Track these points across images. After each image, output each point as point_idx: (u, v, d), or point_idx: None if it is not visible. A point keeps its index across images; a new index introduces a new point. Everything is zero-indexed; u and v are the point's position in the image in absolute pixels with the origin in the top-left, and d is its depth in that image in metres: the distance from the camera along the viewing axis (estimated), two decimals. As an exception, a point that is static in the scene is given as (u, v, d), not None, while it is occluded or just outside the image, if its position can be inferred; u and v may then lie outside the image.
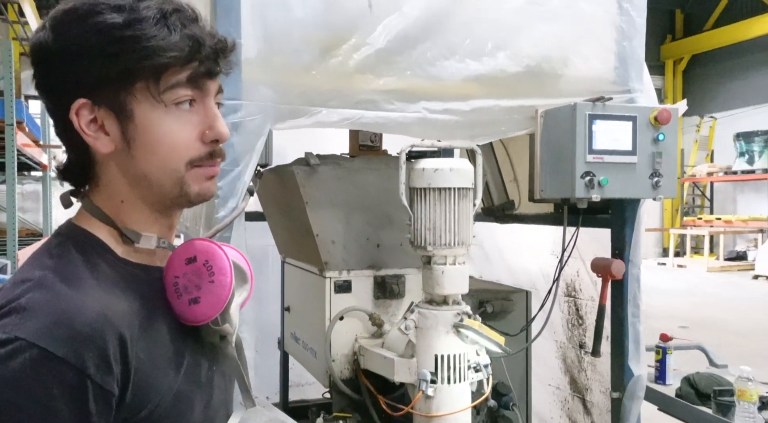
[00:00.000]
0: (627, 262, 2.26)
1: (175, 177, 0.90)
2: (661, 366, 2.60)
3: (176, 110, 0.89)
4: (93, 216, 0.92)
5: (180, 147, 0.89)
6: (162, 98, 0.87)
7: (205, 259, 0.91)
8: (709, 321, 8.37)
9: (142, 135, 0.88)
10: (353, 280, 2.37)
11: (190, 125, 0.90)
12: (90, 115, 0.88)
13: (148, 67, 0.85)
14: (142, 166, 0.89)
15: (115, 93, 0.87)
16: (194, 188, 0.92)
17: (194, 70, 0.88)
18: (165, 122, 0.88)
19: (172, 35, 0.85)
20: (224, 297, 0.90)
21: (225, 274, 0.90)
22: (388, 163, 2.31)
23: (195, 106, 0.91)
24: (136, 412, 0.82)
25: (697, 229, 14.56)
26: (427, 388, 1.94)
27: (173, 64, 0.86)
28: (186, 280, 0.91)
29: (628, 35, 2.20)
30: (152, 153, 0.89)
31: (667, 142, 2.11)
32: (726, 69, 15.87)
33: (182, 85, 0.88)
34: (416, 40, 1.94)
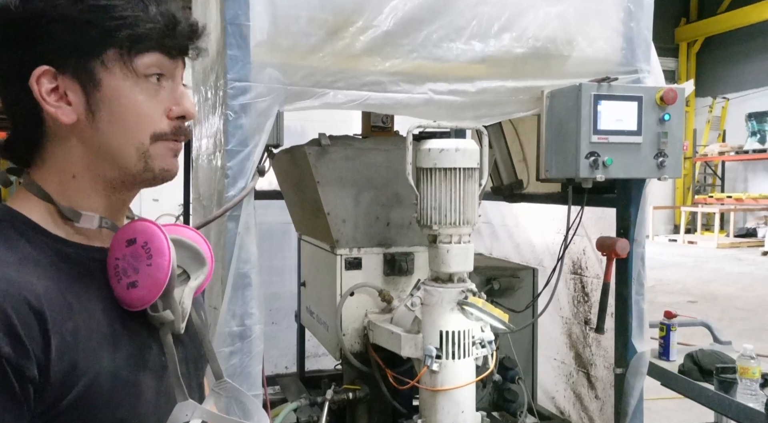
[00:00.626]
0: (632, 241, 2.18)
1: (140, 150, 0.85)
2: (665, 342, 2.52)
3: (145, 82, 0.84)
4: (31, 193, 0.85)
5: (146, 118, 0.85)
6: (134, 68, 0.83)
7: (144, 240, 0.84)
8: (718, 296, 8.21)
9: (108, 105, 0.83)
10: (363, 258, 2.33)
11: (157, 99, 0.85)
12: (51, 84, 0.82)
13: (124, 37, 0.81)
14: (105, 137, 0.84)
15: (84, 61, 0.81)
16: (159, 163, 0.86)
17: (167, 45, 0.84)
18: (134, 93, 0.83)
19: (149, 8, 0.82)
20: (161, 281, 0.83)
21: (163, 256, 0.83)
22: (397, 144, 2.25)
23: (163, 82, 0.86)
24: (63, 394, 0.76)
25: (708, 207, 14.25)
26: (432, 363, 1.90)
27: (149, 35, 0.82)
28: (125, 262, 0.84)
29: (636, 16, 2.10)
30: (118, 123, 0.83)
31: (673, 122, 2.01)
32: (739, 51, 15.39)
33: (154, 58, 0.84)
34: (422, 22, 1.87)
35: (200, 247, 0.92)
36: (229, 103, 1.70)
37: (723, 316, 6.89)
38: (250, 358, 1.76)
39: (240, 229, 1.73)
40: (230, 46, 1.69)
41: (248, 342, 1.75)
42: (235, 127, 1.72)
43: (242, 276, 1.74)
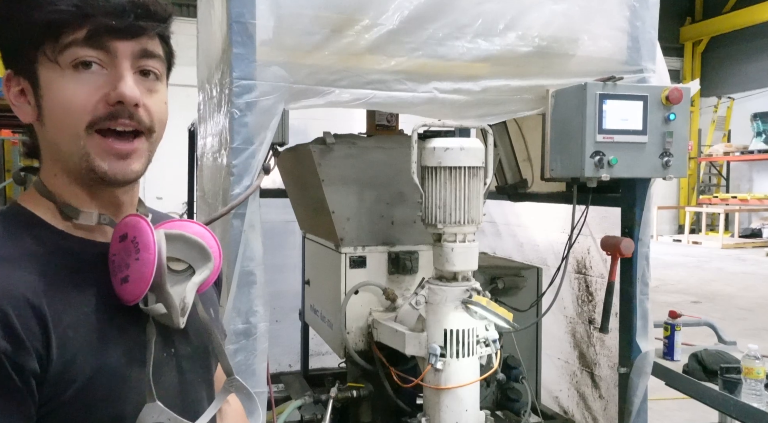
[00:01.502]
0: (636, 240, 2.17)
1: (77, 145, 0.82)
2: (669, 342, 2.52)
3: (74, 72, 0.80)
4: (37, 191, 0.87)
5: (77, 109, 0.80)
6: (58, 59, 0.80)
7: (133, 235, 0.83)
8: (721, 296, 8.19)
9: (46, 100, 0.82)
10: (368, 256, 2.33)
11: (91, 87, 0.81)
12: (17, 86, 0.84)
13: (40, 26, 0.79)
14: (50, 135, 0.83)
15: (27, 59, 0.81)
16: (103, 165, 0.82)
17: (93, 29, 0.79)
18: (63, 85, 0.80)
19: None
20: (148, 275, 0.82)
21: (148, 251, 0.82)
22: (401, 143, 2.25)
23: (104, 70, 0.81)
24: (63, 388, 0.76)
25: (713, 207, 14.21)
26: (436, 361, 1.90)
27: (66, 20, 0.78)
28: (119, 258, 0.84)
29: (640, 15, 2.09)
30: (55, 118, 0.82)
31: (678, 121, 2.01)
32: (744, 51, 15.34)
33: (80, 44, 0.79)
34: (427, 20, 1.86)
35: (205, 243, 0.91)
36: (235, 101, 1.71)
37: (725, 315, 6.87)
38: (255, 356, 1.76)
39: (245, 226, 1.73)
40: (236, 45, 1.69)
41: (253, 339, 1.75)
42: (240, 125, 1.72)
43: (247, 274, 1.75)
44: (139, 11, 0.81)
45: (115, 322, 0.83)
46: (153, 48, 0.85)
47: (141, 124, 0.83)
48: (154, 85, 0.86)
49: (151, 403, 0.83)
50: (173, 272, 0.89)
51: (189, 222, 0.94)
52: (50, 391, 0.76)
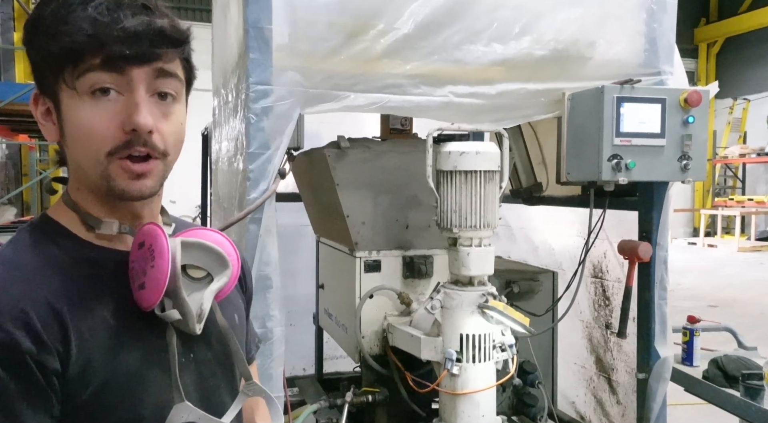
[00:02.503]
0: (654, 244, 2.15)
1: (98, 169, 0.85)
2: (689, 347, 2.49)
3: (92, 99, 0.83)
4: (63, 202, 0.91)
5: (97, 137, 0.83)
6: (75, 85, 0.82)
7: (149, 243, 0.86)
8: (738, 301, 8.09)
9: (67, 124, 0.85)
10: (383, 260, 2.33)
11: (110, 114, 0.83)
12: (43, 106, 0.88)
13: (57, 54, 0.82)
14: (73, 155, 0.87)
15: (51, 82, 0.85)
16: (120, 184, 0.85)
17: (108, 55, 0.81)
18: (82, 112, 0.83)
19: (83, 19, 0.81)
20: (162, 281, 0.84)
21: (162, 257, 0.84)
22: (416, 146, 2.24)
23: (120, 96, 0.84)
24: (80, 389, 0.79)
25: (729, 210, 14.04)
26: (452, 366, 1.90)
27: (81, 49, 0.80)
28: (137, 265, 0.87)
29: (658, 17, 2.07)
30: (75, 142, 0.85)
31: (697, 124, 1.99)
32: (760, 52, 15.18)
33: (96, 70, 0.81)
34: (442, 24, 1.86)
35: (222, 250, 0.93)
36: (251, 107, 1.71)
37: (743, 321, 6.78)
38: (272, 361, 1.77)
39: (261, 231, 1.74)
40: (252, 50, 1.70)
41: (270, 344, 1.76)
42: (256, 130, 1.73)
43: (263, 278, 1.75)
44: (155, 37, 0.83)
45: (133, 327, 0.86)
46: (170, 68, 0.86)
47: (155, 150, 0.86)
48: (170, 108, 0.88)
49: (180, 404, 0.86)
50: (192, 279, 0.91)
51: (209, 230, 0.96)
52: (69, 392, 0.79)
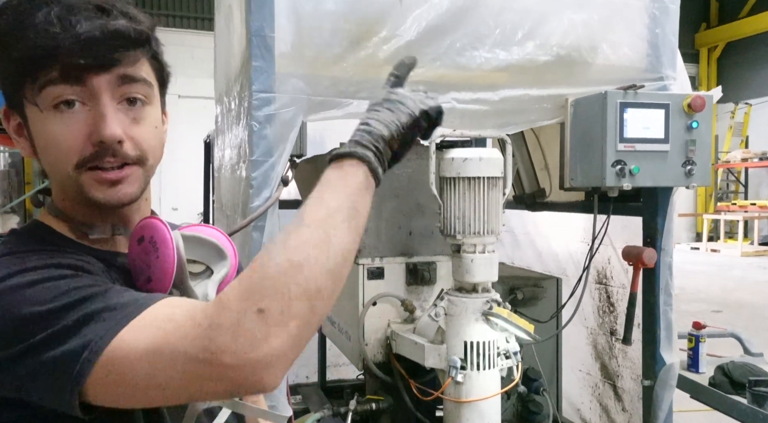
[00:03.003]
0: (659, 250, 2.14)
1: (72, 181, 0.83)
2: (694, 354, 2.47)
3: (56, 113, 0.79)
4: (49, 212, 0.89)
5: (63, 151, 0.80)
6: (37, 101, 0.79)
7: (150, 235, 0.85)
8: (742, 305, 8.06)
9: (36, 139, 0.84)
10: (386, 267, 2.32)
11: (76, 126, 0.80)
12: (14, 121, 0.85)
13: (17, 66, 0.78)
14: (47, 169, 0.86)
15: (15, 97, 0.82)
16: (97, 194, 0.83)
17: (64, 66, 0.77)
18: (47, 126, 0.80)
19: (33, 30, 0.76)
20: (170, 269, 0.84)
21: (166, 245, 0.84)
22: (419, 153, 2.24)
23: (86, 106, 0.80)
24: None
25: (731, 214, 14.02)
26: (456, 374, 1.88)
27: (38, 57, 0.76)
28: (140, 260, 0.86)
29: (661, 22, 2.07)
30: (46, 157, 0.84)
31: (701, 129, 1.98)
32: (761, 56, 15.19)
33: (56, 83, 0.78)
34: (445, 30, 1.86)
35: (219, 242, 0.94)
36: (254, 114, 1.71)
37: (748, 325, 6.75)
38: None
39: (265, 239, 1.73)
40: (255, 58, 1.70)
41: (273, 352, 1.74)
42: (259, 138, 1.73)
43: (267, 286, 1.74)
44: (112, 40, 0.78)
45: None
46: (134, 72, 0.82)
47: (127, 158, 0.83)
48: (140, 113, 0.84)
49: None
50: (192, 274, 0.91)
51: (198, 225, 0.96)
52: None
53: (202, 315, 0.67)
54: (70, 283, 0.73)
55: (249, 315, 0.65)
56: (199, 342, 0.66)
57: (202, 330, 0.66)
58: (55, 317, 0.69)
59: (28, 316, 0.69)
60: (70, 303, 0.70)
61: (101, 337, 0.68)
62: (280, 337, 0.65)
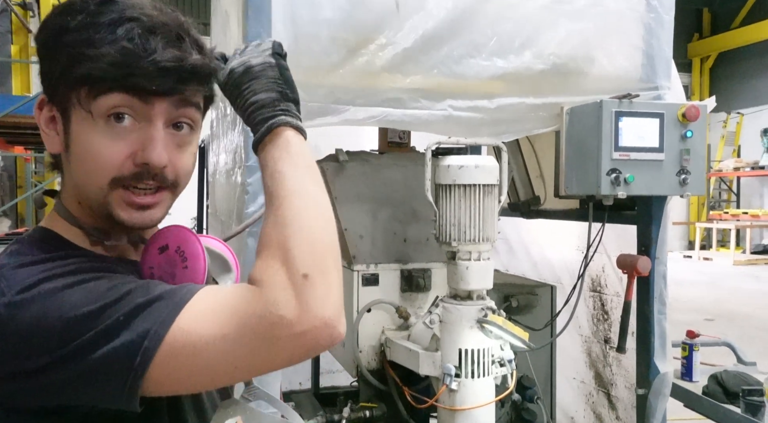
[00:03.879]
0: (653, 258, 2.15)
1: (100, 195, 0.81)
2: (688, 363, 2.48)
3: (106, 124, 0.79)
4: (60, 216, 0.86)
5: (105, 163, 0.79)
6: (90, 108, 0.78)
7: (176, 245, 0.85)
8: (735, 314, 8.09)
9: (74, 143, 0.81)
10: (380, 274, 2.31)
11: (123, 142, 0.80)
12: (49, 113, 0.83)
13: (76, 75, 0.77)
14: (76, 174, 0.83)
15: (64, 95, 0.80)
16: (122, 215, 0.82)
17: (130, 84, 0.77)
18: (93, 135, 0.79)
19: (114, 44, 0.76)
20: (199, 282, 0.84)
21: (198, 259, 0.85)
22: (414, 160, 2.24)
23: (133, 123, 0.80)
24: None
25: (724, 223, 14.10)
26: (451, 382, 1.88)
27: (100, 75, 0.76)
28: (160, 270, 0.85)
29: (656, 32, 2.09)
30: (81, 163, 0.81)
31: (695, 139, 2.00)
32: (753, 66, 15.33)
33: (116, 92, 0.77)
34: (442, 38, 1.87)
35: (226, 255, 0.94)
36: (250, 120, 1.71)
37: (742, 334, 6.78)
38: (268, 375, 1.74)
39: (260, 245, 1.72)
40: (251, 64, 1.70)
41: (267, 359, 1.74)
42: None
43: (261, 293, 1.74)
44: (188, 74, 0.80)
45: None
46: (191, 97, 0.83)
47: (164, 182, 0.83)
48: (185, 139, 0.85)
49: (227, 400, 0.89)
50: None
51: (204, 236, 0.95)
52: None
53: (252, 295, 0.71)
54: (104, 284, 0.73)
55: (298, 282, 0.71)
56: (267, 319, 0.70)
57: (262, 306, 0.70)
58: (100, 316, 0.69)
59: (72, 318, 0.69)
60: (111, 301, 0.71)
61: (160, 325, 0.69)
62: (331, 290, 0.73)
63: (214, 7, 2.48)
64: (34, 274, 0.74)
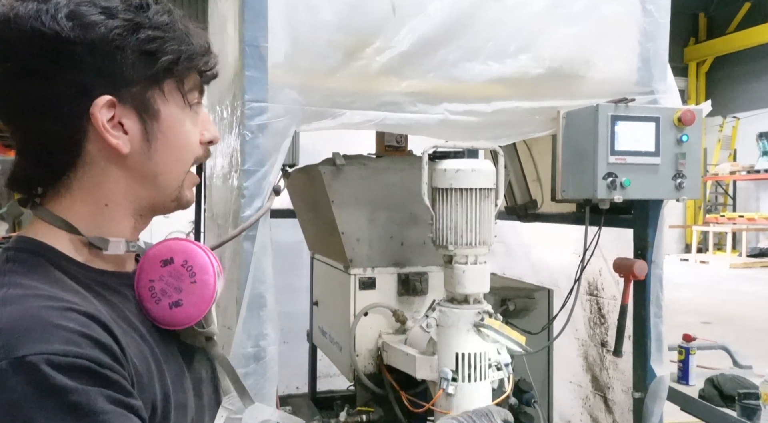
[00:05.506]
0: (649, 262, 2.15)
1: (180, 179, 0.87)
2: (684, 366, 2.48)
3: (190, 112, 0.87)
4: (51, 225, 0.81)
5: (192, 146, 0.87)
6: (188, 98, 0.86)
7: (183, 259, 0.85)
8: (732, 317, 8.10)
9: (165, 134, 0.84)
10: (377, 277, 2.31)
11: (197, 127, 0.88)
12: (110, 113, 0.79)
13: (181, 68, 0.83)
14: (158, 166, 0.84)
15: (143, 91, 0.81)
16: (187, 194, 0.89)
17: (206, 73, 0.87)
18: (186, 123, 0.86)
19: (192, 38, 0.84)
20: (209, 297, 0.85)
21: (208, 273, 0.84)
22: (412, 164, 2.24)
23: (197, 108, 0.89)
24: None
25: (720, 226, 14.14)
26: (447, 386, 1.87)
27: (196, 65, 0.85)
28: (164, 283, 0.84)
29: (652, 36, 2.09)
30: (172, 152, 0.85)
31: (691, 142, 2.00)
32: (749, 70, 15.39)
33: (198, 87, 0.87)
34: (439, 42, 1.87)
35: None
36: (247, 124, 1.70)
37: (738, 337, 6.78)
38: (265, 380, 1.74)
39: (256, 249, 1.72)
40: (248, 67, 1.70)
41: (263, 363, 1.73)
42: (252, 147, 1.72)
43: (257, 296, 1.73)
44: (215, 55, 0.89)
45: (161, 349, 0.83)
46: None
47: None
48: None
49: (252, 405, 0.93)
50: None
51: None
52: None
53: None
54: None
55: None
56: None
57: None
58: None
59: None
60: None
61: None
62: None
63: (212, 10, 2.48)
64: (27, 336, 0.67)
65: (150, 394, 0.76)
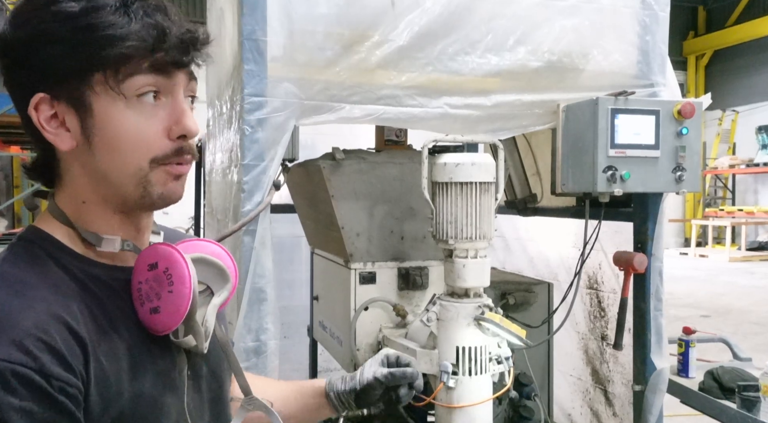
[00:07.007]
0: (649, 255, 2.15)
1: (138, 176, 0.81)
2: (684, 359, 2.48)
3: (138, 103, 0.79)
4: (54, 218, 0.84)
5: (143, 143, 0.80)
6: (121, 90, 0.78)
7: (165, 266, 0.82)
8: (731, 310, 8.11)
9: (102, 131, 0.79)
10: (377, 272, 2.31)
11: (155, 119, 0.81)
12: (50, 111, 0.79)
13: (106, 58, 0.76)
14: (102, 164, 0.81)
15: (74, 86, 0.78)
16: (158, 190, 0.82)
17: (157, 60, 0.79)
18: (126, 116, 0.79)
19: (132, 24, 0.77)
20: (183, 308, 0.81)
21: (184, 284, 0.81)
22: (411, 158, 2.24)
23: (161, 100, 0.82)
24: (101, 415, 0.74)
25: (719, 220, 14.15)
26: (448, 379, 1.87)
27: (133, 54, 0.77)
28: (148, 287, 0.82)
29: (651, 29, 2.08)
30: (113, 150, 0.80)
31: (691, 136, 1.99)
32: (748, 64, 15.38)
33: (143, 74, 0.78)
34: (438, 35, 1.86)
35: (224, 264, 0.90)
36: (246, 118, 1.70)
37: (736, 330, 6.80)
38: (266, 375, 1.74)
39: (256, 243, 1.72)
40: (247, 61, 1.69)
41: (263, 357, 1.74)
42: (251, 142, 1.71)
43: (258, 291, 1.73)
44: (196, 42, 0.83)
45: (145, 349, 0.82)
46: (194, 71, 0.86)
47: (194, 152, 0.85)
48: (193, 111, 0.87)
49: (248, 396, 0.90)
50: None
51: (205, 241, 0.93)
52: (90, 418, 0.74)
53: None
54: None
55: None
56: None
57: None
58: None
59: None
60: None
61: None
62: None
63: (210, 3, 2.47)
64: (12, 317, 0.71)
65: (116, 390, 0.76)
